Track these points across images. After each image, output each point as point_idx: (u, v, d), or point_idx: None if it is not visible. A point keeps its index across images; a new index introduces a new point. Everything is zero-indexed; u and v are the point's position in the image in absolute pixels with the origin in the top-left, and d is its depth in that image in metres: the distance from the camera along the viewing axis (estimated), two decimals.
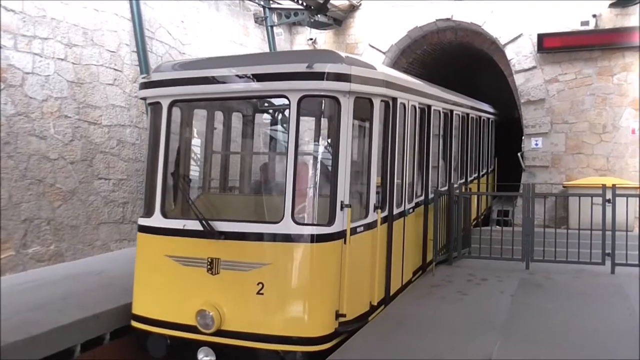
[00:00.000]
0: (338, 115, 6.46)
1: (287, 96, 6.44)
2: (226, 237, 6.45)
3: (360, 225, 6.79)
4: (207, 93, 6.91)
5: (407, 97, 8.09)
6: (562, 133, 15.21)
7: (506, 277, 9.31)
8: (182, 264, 6.64)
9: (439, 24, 16.77)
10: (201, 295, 6.45)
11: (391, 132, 7.53)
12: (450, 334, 6.55)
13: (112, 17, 11.75)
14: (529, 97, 15.45)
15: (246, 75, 6.57)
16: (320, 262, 6.36)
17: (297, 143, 6.37)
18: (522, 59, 15.53)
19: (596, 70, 14.86)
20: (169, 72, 7.23)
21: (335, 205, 6.39)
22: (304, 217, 6.51)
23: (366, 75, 6.79)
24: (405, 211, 8.19)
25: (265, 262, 6.31)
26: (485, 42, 16.80)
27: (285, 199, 6.31)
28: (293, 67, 6.43)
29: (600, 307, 7.71)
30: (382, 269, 7.36)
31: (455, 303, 7.91)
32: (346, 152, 6.47)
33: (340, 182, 6.43)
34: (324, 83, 6.33)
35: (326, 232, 6.34)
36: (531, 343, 6.27)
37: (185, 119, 7.86)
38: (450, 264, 10.12)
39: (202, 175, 8.57)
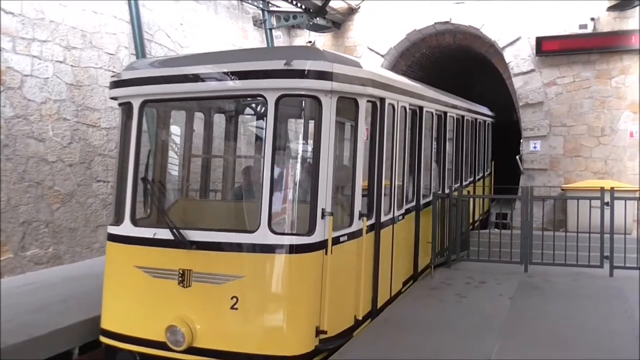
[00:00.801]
0: (319, 116, 6.03)
1: (264, 95, 6.01)
2: (198, 247, 6.01)
3: (343, 234, 6.35)
4: (180, 92, 6.44)
5: (396, 97, 7.69)
6: (561, 136, 15.23)
7: (505, 279, 9.31)
8: (152, 275, 6.18)
9: (437, 27, 16.80)
10: (172, 310, 6.00)
11: (379, 135, 7.13)
12: (449, 336, 6.55)
13: (110, 20, 11.76)
14: (528, 100, 15.47)
15: (220, 73, 6.14)
16: (299, 274, 5.92)
17: (274, 146, 5.97)
18: (520, 62, 15.56)
19: (594, 74, 14.89)
20: (141, 70, 6.85)
21: (315, 213, 5.94)
22: (281, 226, 6.04)
23: (350, 74, 6.38)
24: (394, 218, 7.74)
25: (240, 275, 5.85)
26: (483, 45, 16.82)
27: (261, 207, 5.87)
28: (270, 65, 5.98)
29: (599, 310, 7.71)
30: (368, 280, 6.96)
31: (454, 305, 7.91)
32: (328, 156, 6.03)
33: (321, 188, 5.98)
34: (303, 81, 5.92)
35: (305, 242, 5.88)
36: (530, 345, 6.27)
37: (162, 120, 7.53)
38: (449, 267, 10.12)
39: (179, 180, 8.13)
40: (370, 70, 6.97)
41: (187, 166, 8.07)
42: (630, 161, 14.51)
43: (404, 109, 8.10)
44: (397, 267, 7.96)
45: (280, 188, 6.38)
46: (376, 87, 6.89)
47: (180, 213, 7.33)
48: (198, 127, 8.10)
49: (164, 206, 6.95)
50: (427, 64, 18.73)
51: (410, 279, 8.87)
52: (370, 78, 6.75)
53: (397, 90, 7.74)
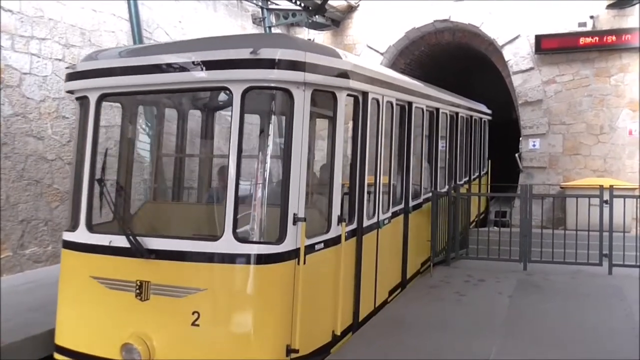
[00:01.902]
0: (291, 110, 5.48)
1: (229, 88, 5.46)
2: (158, 256, 5.45)
3: (319, 241, 5.80)
4: (138, 85, 5.86)
5: (381, 91, 7.15)
6: (560, 134, 15.23)
7: (504, 278, 9.31)
8: (108, 287, 5.63)
9: (436, 25, 16.79)
10: (129, 325, 5.47)
11: (361, 132, 6.58)
12: (448, 335, 6.55)
13: (109, 18, 11.74)
14: (527, 98, 15.47)
15: (181, 63, 5.58)
16: (267, 287, 5.37)
17: (240, 144, 5.40)
18: (519, 60, 15.56)
19: (593, 72, 14.89)
20: (98, 61, 6.18)
21: (286, 219, 5.39)
22: (247, 233, 5.49)
23: (327, 64, 5.82)
24: (379, 222, 7.23)
25: (201, 288, 5.30)
26: (483, 43, 16.82)
27: (225, 212, 5.33)
28: (235, 53, 5.40)
29: (598, 308, 7.72)
30: (348, 291, 6.42)
31: (454, 304, 7.91)
32: (300, 155, 5.49)
33: (292, 190, 5.44)
34: (272, 72, 5.36)
35: (274, 251, 5.34)
36: (529, 344, 6.27)
37: (126, 115, 7.00)
38: (448, 265, 10.13)
39: (149, 182, 7.52)
40: (351, 62, 6.39)
41: (156, 166, 7.50)
42: (629, 159, 14.52)
43: (390, 105, 7.63)
44: (382, 275, 7.42)
45: (247, 191, 5.85)
46: (358, 79, 6.37)
47: (147, 218, 6.81)
48: (171, 124, 7.64)
49: (124, 210, 6.45)
50: (426, 62, 18.72)
51: (398, 287, 8.37)
52: (350, 70, 6.19)
53: (382, 84, 7.21)
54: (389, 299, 7.83)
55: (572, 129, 15.11)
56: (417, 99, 8.86)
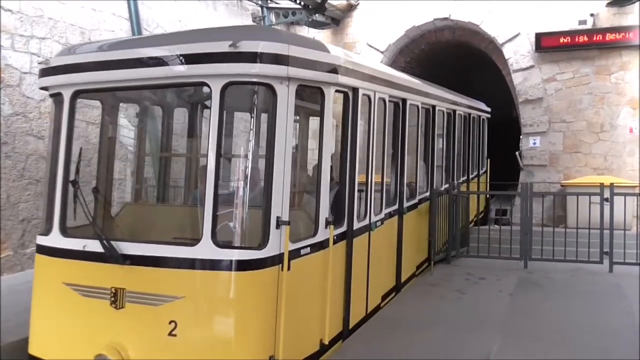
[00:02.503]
0: (273, 107, 5.18)
1: (207, 83, 5.16)
2: (133, 261, 5.16)
3: (305, 245, 5.51)
4: (113, 81, 5.56)
5: (372, 87, 6.88)
6: (560, 132, 15.23)
7: (504, 276, 9.31)
8: (82, 294, 5.35)
9: (436, 23, 16.78)
10: (103, 335, 5.19)
11: (351, 130, 6.29)
12: (449, 333, 6.55)
13: (109, 17, 11.73)
14: (527, 96, 15.46)
15: (158, 57, 5.26)
16: (248, 295, 5.07)
17: (219, 143, 5.11)
18: (519, 58, 15.54)
19: (594, 69, 14.88)
20: (71, 55, 5.86)
21: (268, 222, 5.09)
22: (227, 237, 5.19)
23: (313, 58, 5.50)
24: (371, 224, 6.92)
25: (178, 295, 5.01)
26: (483, 41, 16.81)
27: (204, 215, 5.02)
28: (213, 46, 5.10)
29: (599, 306, 7.72)
30: (338, 298, 6.13)
31: (454, 302, 7.91)
32: (284, 154, 5.19)
33: (275, 192, 5.13)
34: (253, 66, 5.06)
35: (256, 256, 5.05)
36: (530, 342, 6.27)
37: (107, 113, 6.71)
38: (449, 263, 10.13)
39: (131, 183, 7.27)
40: (339, 56, 6.10)
41: (137, 166, 7.20)
42: (629, 157, 14.51)
43: (382, 101, 7.36)
44: (374, 279, 7.11)
45: (228, 192, 5.60)
46: (347, 74, 6.07)
47: (127, 220, 6.52)
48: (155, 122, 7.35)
49: (104, 212, 6.20)
50: (426, 61, 18.71)
51: (392, 291, 8.05)
52: (339, 64, 5.89)
53: (373, 80, 6.94)
54: (382, 304, 7.52)
55: (573, 126, 15.09)
56: (412, 95, 8.61)
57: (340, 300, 6.22)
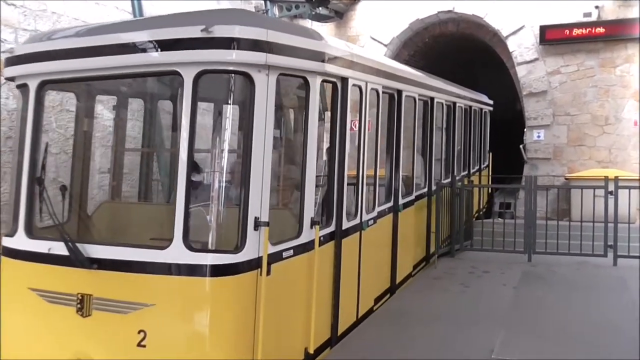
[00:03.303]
0: (251, 98, 4.80)
1: (179, 72, 4.76)
2: (100, 266, 4.80)
3: (288, 248, 5.13)
4: (80, 70, 5.14)
5: (364, 77, 6.50)
6: (564, 125, 15.17)
7: (508, 269, 9.32)
8: (47, 300, 5.01)
9: (440, 16, 16.71)
10: (70, 345, 4.88)
11: (340, 122, 5.93)
12: (452, 326, 6.56)
13: (113, 11, 11.72)
14: (531, 89, 15.40)
15: (126, 44, 4.90)
16: (223, 303, 4.71)
17: (192, 137, 4.75)
18: (524, 51, 15.48)
19: (598, 62, 14.80)
20: (38, 43, 5.43)
21: (245, 223, 4.72)
22: (201, 240, 4.86)
23: (295, 45, 5.09)
24: (362, 223, 6.53)
25: (148, 303, 4.65)
26: (487, 34, 16.74)
27: (175, 215, 4.67)
28: (185, 32, 4.70)
29: (602, 299, 7.72)
30: (325, 303, 5.76)
31: (458, 295, 7.92)
32: (263, 150, 4.82)
33: (253, 190, 4.76)
34: (228, 53, 4.65)
35: (231, 261, 4.68)
36: (533, 335, 6.28)
37: (81, 106, 6.30)
38: (453, 257, 10.13)
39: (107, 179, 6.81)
40: (326, 43, 5.66)
41: (115, 162, 6.79)
42: (634, 150, 14.45)
43: (375, 92, 7.00)
44: (366, 282, 6.73)
45: (201, 191, 5.24)
46: (335, 63, 5.70)
47: (103, 221, 6.14)
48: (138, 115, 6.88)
49: (79, 211, 5.85)
50: (430, 54, 18.65)
51: (387, 293, 7.70)
52: (325, 52, 5.47)
53: (365, 69, 6.54)
54: (375, 307, 7.17)
55: (577, 119, 15.03)
56: (408, 87, 8.23)
57: (327, 306, 5.86)
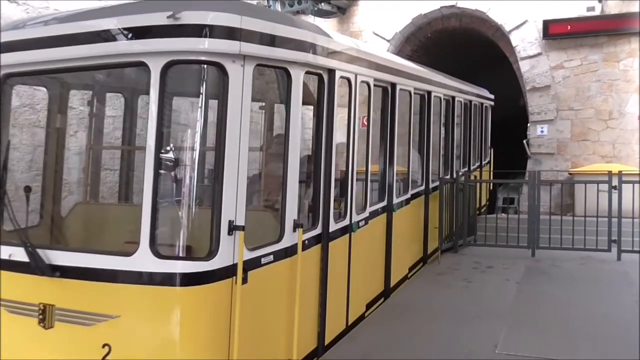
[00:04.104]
0: (224, 90, 4.42)
1: (145, 63, 4.40)
2: (63, 274, 4.45)
3: (267, 253, 4.77)
4: (43, 62, 4.82)
5: (353, 69, 6.15)
6: (568, 120, 15.13)
7: (512, 264, 9.31)
8: (8, 310, 4.69)
9: (443, 11, 16.68)
10: (31, 357, 4.60)
11: (327, 116, 5.56)
12: (456, 322, 6.56)
13: None
14: (534, 84, 15.37)
15: (90, 33, 4.56)
16: (194, 314, 4.34)
17: (159, 133, 4.40)
18: (527, 46, 15.43)
19: (602, 57, 14.75)
20: (4, 32, 5.07)
21: (219, 227, 4.34)
22: (170, 245, 4.52)
23: (273, 33, 4.73)
24: (352, 225, 6.17)
25: (113, 314, 4.31)
26: (490, 29, 16.70)
27: (142, 219, 4.32)
28: (151, 19, 4.35)
29: (606, 294, 7.71)
30: (310, 310, 5.42)
31: (461, 291, 7.92)
32: (238, 146, 4.46)
33: (227, 191, 4.39)
34: (197, 41, 4.31)
35: (204, 268, 4.29)
36: (537, 330, 6.28)
37: (54, 101, 5.98)
38: (456, 252, 10.13)
39: (82, 179, 6.45)
40: (310, 32, 5.29)
41: (89, 160, 6.44)
42: (638, 145, 14.42)
43: (366, 85, 6.67)
44: (357, 287, 6.38)
45: (171, 192, 4.81)
46: (320, 54, 5.33)
47: (77, 223, 5.80)
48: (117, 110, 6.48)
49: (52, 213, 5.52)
50: (432, 49, 18.62)
51: (380, 297, 7.36)
52: (308, 41, 5.12)
53: (354, 61, 6.19)
54: (366, 313, 6.81)
55: (581, 114, 14.99)
56: (403, 80, 7.89)
57: (313, 314, 5.49)
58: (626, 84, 14.57)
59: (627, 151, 14.53)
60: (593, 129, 14.88)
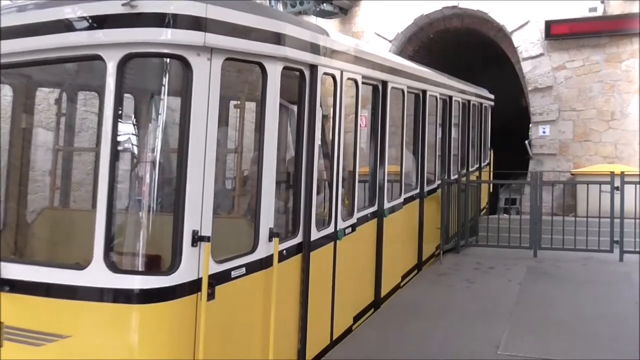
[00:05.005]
0: (188, 86, 4.01)
1: (101, 56, 3.97)
2: (13, 288, 4.07)
3: (238, 265, 4.34)
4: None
5: (339, 65, 5.77)
6: (570, 120, 15.11)
7: (514, 265, 9.31)
8: None
9: (445, 12, 16.67)
10: None
11: (308, 116, 5.17)
12: (458, 322, 6.56)
13: None
14: (537, 84, 15.35)
15: (41, 24, 4.16)
16: (154, 334, 3.91)
17: (115, 134, 4.00)
18: (529, 46, 15.41)
19: (604, 57, 14.73)
20: None
21: (181, 238, 3.92)
22: (127, 257, 4.13)
23: (245, 24, 4.31)
24: (337, 232, 5.79)
25: (63, 334, 3.91)
26: (492, 30, 16.69)
27: (95, 229, 3.91)
28: (108, 7, 3.94)
29: (608, 295, 7.70)
30: (288, 326, 5.03)
31: (463, 291, 7.91)
32: (204, 148, 4.06)
33: (191, 198, 3.98)
34: (157, 32, 3.90)
35: (164, 284, 3.87)
36: (539, 331, 6.27)
37: (19, 98, 5.69)
38: (458, 253, 10.12)
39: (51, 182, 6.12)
40: (288, 24, 4.86)
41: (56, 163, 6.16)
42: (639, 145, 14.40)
43: (354, 83, 6.31)
44: (343, 298, 5.97)
45: (128, 199, 4.46)
46: (300, 48, 4.96)
47: (43, 231, 5.39)
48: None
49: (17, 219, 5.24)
50: (434, 49, 18.62)
51: (370, 308, 6.98)
52: (286, 34, 4.72)
53: (339, 56, 5.79)
54: (354, 326, 6.42)
55: (583, 115, 14.97)
56: (395, 77, 7.54)
57: (293, 329, 5.11)
58: (628, 85, 14.55)
59: (629, 152, 14.51)
60: (595, 129, 14.86)
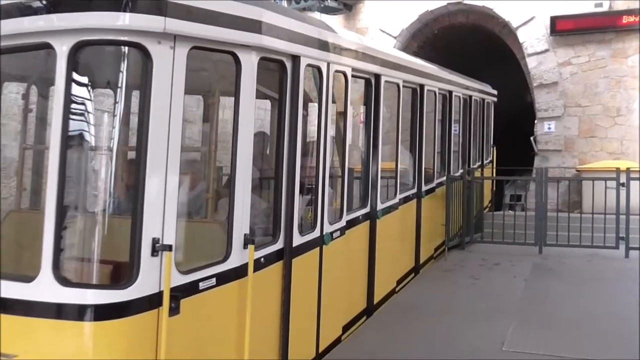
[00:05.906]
0: (147, 78, 3.61)
1: (50, 44, 3.59)
2: None
3: (207, 276, 3.93)
4: None
5: (324, 56, 5.37)
6: (576, 116, 15.06)
7: (519, 261, 9.28)
8: None
9: (450, 7, 16.61)
10: None
11: (290, 110, 4.81)
12: (463, 319, 6.54)
13: None
14: (542, 80, 15.29)
15: None
16: (109, 355, 3.51)
17: (65, 129, 3.59)
18: (534, 42, 15.35)
19: (610, 53, 14.67)
20: None
21: (139, 247, 3.53)
22: (75, 269, 3.71)
23: (214, 9, 3.90)
24: (324, 237, 5.36)
25: (10, 354, 3.52)
26: (497, 25, 16.63)
27: (44, 236, 3.52)
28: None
29: (614, 292, 7.67)
30: (269, 339, 4.66)
31: (468, 288, 7.90)
32: (165, 146, 3.66)
33: (150, 202, 3.58)
34: (109, 17, 3.50)
35: (121, 298, 3.49)
36: (544, 328, 6.25)
37: None
38: (463, 249, 10.11)
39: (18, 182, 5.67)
40: (265, 10, 4.40)
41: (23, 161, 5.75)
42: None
43: (343, 76, 5.92)
44: (330, 308, 5.57)
45: (81, 202, 4.00)
46: (279, 37, 4.55)
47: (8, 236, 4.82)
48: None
49: None
50: (439, 45, 18.57)
51: (362, 316, 6.58)
52: (262, 20, 4.29)
53: (325, 47, 5.39)
54: (343, 335, 6.02)
55: (588, 111, 14.91)
56: (389, 71, 7.15)
57: (273, 343, 4.72)
58: (634, 80, 14.48)
59: (635, 148, 14.43)
60: (601, 125, 14.80)
